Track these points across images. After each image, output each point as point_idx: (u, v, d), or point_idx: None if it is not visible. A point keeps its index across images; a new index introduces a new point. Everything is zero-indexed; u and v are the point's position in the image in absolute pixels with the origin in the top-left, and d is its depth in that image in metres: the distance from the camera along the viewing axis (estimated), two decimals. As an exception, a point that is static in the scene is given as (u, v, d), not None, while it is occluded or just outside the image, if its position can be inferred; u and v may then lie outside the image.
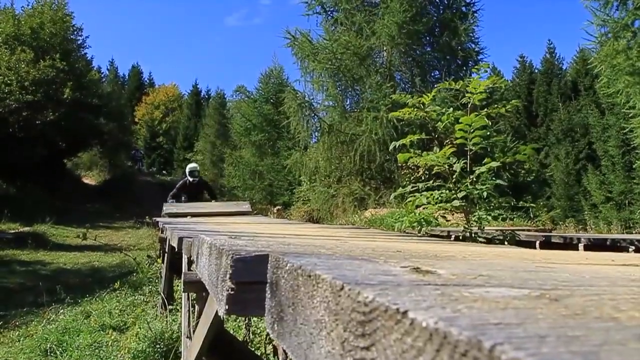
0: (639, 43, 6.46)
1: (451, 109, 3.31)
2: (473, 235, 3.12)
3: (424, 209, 3.16)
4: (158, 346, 4.01)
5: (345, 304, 0.32)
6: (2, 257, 9.80)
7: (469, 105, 2.97)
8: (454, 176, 2.96)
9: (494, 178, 3.04)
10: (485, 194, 2.79)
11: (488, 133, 2.93)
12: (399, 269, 0.48)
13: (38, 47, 18.14)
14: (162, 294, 5.59)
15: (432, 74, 12.67)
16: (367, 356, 0.29)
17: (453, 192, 3.00)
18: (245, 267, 0.65)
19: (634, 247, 3.32)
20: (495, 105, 3.24)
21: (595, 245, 3.45)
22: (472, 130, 2.79)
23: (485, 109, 3.20)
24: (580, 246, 3.53)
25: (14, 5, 20.77)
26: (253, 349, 4.00)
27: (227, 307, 0.64)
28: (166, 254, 5.46)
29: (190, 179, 8.95)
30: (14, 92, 16.59)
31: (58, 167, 20.71)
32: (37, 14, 19.09)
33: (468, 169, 3.05)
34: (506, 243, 3.26)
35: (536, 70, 25.81)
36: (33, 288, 7.16)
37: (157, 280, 6.84)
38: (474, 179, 3.03)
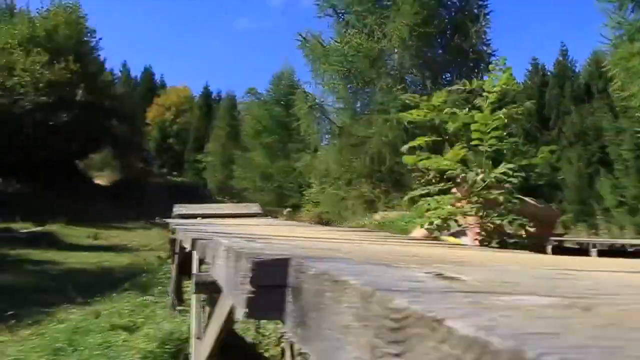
0: (654, 46, 6.38)
1: (462, 112, 3.28)
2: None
3: (434, 212, 3.13)
4: (167, 347, 4.03)
5: (376, 310, 0.32)
6: (15, 257, 9.91)
7: (486, 105, 2.93)
8: (467, 181, 2.93)
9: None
10: (501, 198, 2.77)
11: (505, 134, 2.91)
12: (423, 275, 0.48)
13: (52, 49, 18.39)
14: (171, 294, 5.61)
15: (444, 77, 12.62)
16: (399, 363, 0.29)
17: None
18: (265, 271, 0.65)
19: (649, 253, 3.28)
20: (512, 106, 3.21)
21: (609, 251, 3.41)
22: (488, 131, 2.77)
23: (499, 110, 3.16)
24: (594, 251, 3.49)
25: (29, 8, 21.09)
26: (262, 351, 4.00)
27: (246, 310, 0.64)
28: (176, 255, 5.49)
29: None
30: (29, 94, 16.83)
31: (70, 168, 20.96)
32: (52, 17, 19.36)
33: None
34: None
35: (549, 73, 25.62)
36: (44, 287, 7.23)
37: (167, 281, 6.87)
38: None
